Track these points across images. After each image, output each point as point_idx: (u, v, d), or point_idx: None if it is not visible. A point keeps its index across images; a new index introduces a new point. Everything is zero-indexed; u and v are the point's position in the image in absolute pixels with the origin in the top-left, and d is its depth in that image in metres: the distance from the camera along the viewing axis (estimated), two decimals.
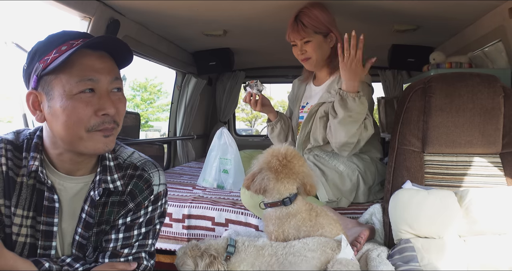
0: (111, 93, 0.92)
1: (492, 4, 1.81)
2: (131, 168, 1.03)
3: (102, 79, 0.90)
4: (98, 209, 0.99)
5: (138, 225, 1.02)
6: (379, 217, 1.63)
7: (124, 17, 2.01)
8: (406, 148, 1.63)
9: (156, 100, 16.97)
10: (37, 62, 0.90)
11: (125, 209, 1.01)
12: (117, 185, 0.99)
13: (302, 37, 1.77)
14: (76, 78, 0.87)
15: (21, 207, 0.94)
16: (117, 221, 1.01)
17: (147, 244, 1.04)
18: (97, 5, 1.78)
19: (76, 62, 0.88)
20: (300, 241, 1.30)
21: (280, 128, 1.98)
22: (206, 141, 3.85)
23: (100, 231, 1.00)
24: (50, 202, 0.95)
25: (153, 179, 1.03)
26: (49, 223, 0.95)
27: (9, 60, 1.67)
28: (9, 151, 0.95)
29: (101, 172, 0.99)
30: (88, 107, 0.88)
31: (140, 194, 1.01)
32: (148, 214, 1.03)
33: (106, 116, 0.90)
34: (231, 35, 2.54)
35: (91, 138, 0.90)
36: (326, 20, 1.76)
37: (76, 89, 0.88)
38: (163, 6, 1.93)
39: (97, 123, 0.90)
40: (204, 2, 1.87)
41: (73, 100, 0.88)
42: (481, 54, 2.12)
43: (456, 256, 1.38)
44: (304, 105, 1.96)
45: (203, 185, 2.22)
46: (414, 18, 2.13)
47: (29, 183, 0.95)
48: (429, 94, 1.60)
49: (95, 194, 0.97)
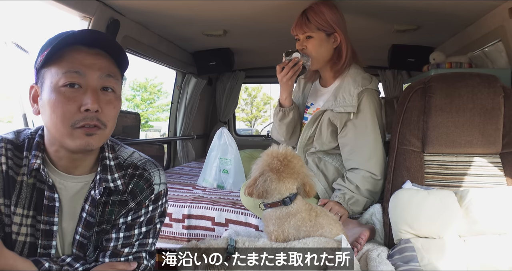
0: (102, 92, 0.92)
1: (492, 4, 1.81)
2: (132, 168, 1.02)
3: (89, 74, 0.90)
4: (99, 208, 0.99)
5: (138, 224, 1.02)
6: (379, 217, 1.63)
7: (124, 17, 2.01)
8: (406, 148, 1.63)
9: (156, 100, 16.97)
10: (39, 56, 0.92)
11: (126, 208, 1.00)
12: (118, 184, 0.99)
13: (304, 32, 1.72)
14: (63, 69, 0.88)
15: (21, 206, 0.94)
16: (118, 220, 1.00)
17: (148, 244, 1.04)
18: (97, 5, 1.78)
19: (67, 55, 0.89)
20: (300, 242, 1.30)
21: (292, 117, 1.86)
22: (206, 141, 3.84)
23: (101, 231, 1.00)
24: (50, 201, 0.95)
25: (153, 179, 1.03)
26: (49, 222, 0.95)
27: (9, 60, 1.67)
28: (9, 150, 0.95)
29: (101, 171, 0.99)
30: (71, 103, 0.88)
31: (141, 194, 1.01)
32: (149, 213, 1.03)
33: (88, 112, 0.89)
34: (231, 35, 2.54)
35: (73, 135, 0.89)
36: (332, 19, 1.71)
37: (62, 81, 0.88)
38: (163, 6, 1.93)
39: (79, 119, 0.89)
40: (204, 2, 1.87)
41: (58, 93, 0.88)
42: (481, 54, 2.12)
43: (456, 256, 1.38)
44: (309, 105, 1.91)
45: (203, 185, 2.22)
46: (414, 18, 2.13)
47: (29, 182, 0.95)
48: (429, 94, 1.60)
49: (95, 193, 0.97)
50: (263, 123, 18.35)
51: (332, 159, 1.79)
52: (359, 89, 1.68)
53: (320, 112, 1.76)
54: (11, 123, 2.66)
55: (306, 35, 1.73)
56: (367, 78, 1.73)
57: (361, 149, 1.68)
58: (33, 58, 0.97)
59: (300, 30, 1.74)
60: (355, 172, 1.69)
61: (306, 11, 1.73)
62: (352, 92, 1.68)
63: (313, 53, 1.74)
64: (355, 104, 1.66)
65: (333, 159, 1.79)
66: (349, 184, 1.67)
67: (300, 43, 1.76)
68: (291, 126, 1.88)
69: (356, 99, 1.66)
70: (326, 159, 1.79)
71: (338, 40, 1.73)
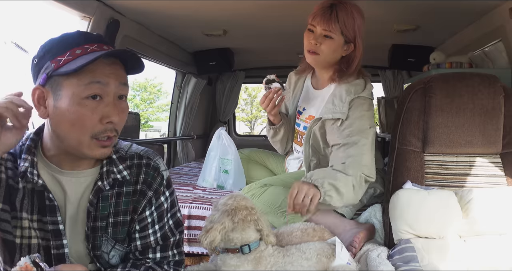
0: (117, 101, 0.94)
1: (492, 4, 1.81)
2: (136, 158, 1.05)
3: (110, 83, 0.91)
4: (111, 199, 1.00)
5: (165, 211, 1.07)
6: (379, 217, 1.63)
7: (124, 17, 2.01)
8: (406, 148, 1.62)
9: (156, 100, 16.97)
10: (49, 61, 0.91)
11: (145, 198, 1.03)
12: (124, 175, 1.02)
13: (327, 29, 1.56)
14: (85, 80, 0.89)
15: (25, 210, 0.95)
16: (144, 214, 1.03)
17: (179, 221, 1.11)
18: (97, 5, 1.78)
19: (87, 67, 0.89)
20: (297, 249, 1.30)
21: (283, 132, 1.84)
22: (206, 141, 3.84)
23: (117, 223, 1.01)
24: (50, 201, 0.96)
25: (160, 166, 1.07)
26: (54, 222, 0.96)
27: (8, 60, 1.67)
28: (7, 160, 0.96)
29: (107, 164, 1.01)
30: (94, 115, 0.90)
31: (155, 181, 1.05)
32: (169, 198, 1.08)
33: (109, 124, 0.92)
34: (231, 35, 2.54)
35: (91, 145, 0.92)
36: (359, 28, 1.59)
37: (85, 92, 0.89)
38: (163, 6, 1.93)
39: (100, 130, 0.92)
40: (204, 2, 1.86)
41: (80, 105, 0.89)
42: (481, 54, 2.12)
43: (456, 256, 1.38)
44: (301, 111, 1.82)
45: (203, 185, 2.21)
46: (414, 18, 2.14)
47: (28, 187, 0.96)
48: (430, 94, 1.60)
49: (104, 184, 0.99)
50: (263, 123, 18.35)
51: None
52: (351, 96, 1.60)
53: (315, 123, 1.68)
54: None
55: (327, 33, 1.58)
56: (360, 84, 1.63)
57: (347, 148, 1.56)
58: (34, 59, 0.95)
59: (324, 25, 1.56)
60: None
61: (337, 8, 1.55)
62: (343, 98, 1.60)
63: (325, 53, 1.61)
64: (345, 111, 1.58)
65: None
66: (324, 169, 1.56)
67: (314, 37, 1.60)
68: (284, 141, 1.90)
69: (347, 106, 1.58)
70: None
71: (351, 49, 1.62)
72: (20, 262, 0.81)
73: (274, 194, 1.65)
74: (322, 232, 1.44)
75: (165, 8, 1.97)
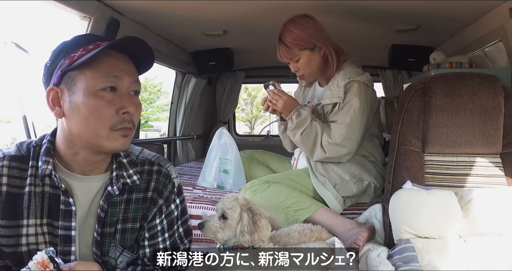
0: (131, 96, 0.94)
1: (492, 4, 1.81)
2: (147, 164, 1.05)
3: (125, 78, 0.93)
4: (121, 206, 0.99)
5: (176, 219, 1.07)
6: (379, 217, 1.63)
7: (124, 17, 2.01)
8: (406, 148, 1.63)
9: (156, 100, 16.97)
10: (63, 59, 0.92)
11: (156, 206, 1.03)
12: (134, 180, 1.01)
13: (290, 58, 1.78)
14: (101, 73, 0.90)
15: (33, 216, 0.93)
16: (154, 222, 1.03)
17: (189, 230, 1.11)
18: (97, 5, 1.78)
19: (102, 60, 0.91)
20: (297, 249, 1.30)
21: None
22: (206, 141, 3.84)
23: (125, 229, 1.00)
24: (66, 206, 0.94)
25: (171, 173, 1.07)
26: (67, 227, 0.94)
27: (8, 60, 1.67)
28: (10, 168, 0.94)
29: (117, 168, 1.00)
30: (110, 106, 0.90)
31: (166, 189, 1.04)
32: (179, 206, 1.08)
33: (126, 115, 0.92)
34: (231, 35, 2.54)
35: (111, 137, 0.92)
36: (309, 35, 1.73)
37: (100, 85, 0.90)
38: (163, 6, 1.93)
39: (118, 121, 0.91)
40: (204, 2, 1.87)
41: (95, 97, 0.90)
42: (481, 54, 2.12)
43: (456, 257, 1.38)
44: (306, 104, 1.94)
45: (203, 185, 2.21)
46: (414, 18, 2.13)
47: (37, 191, 0.94)
48: (430, 94, 1.60)
49: (113, 189, 0.97)
50: (263, 123, 18.35)
51: (335, 165, 1.77)
52: (346, 81, 1.71)
53: (315, 107, 1.80)
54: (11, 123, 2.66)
55: (294, 59, 1.78)
56: (357, 72, 1.75)
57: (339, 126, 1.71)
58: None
59: (286, 58, 1.79)
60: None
61: (282, 37, 1.76)
62: (339, 83, 1.72)
63: (307, 71, 1.80)
64: (341, 95, 1.70)
65: (336, 165, 1.77)
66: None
67: (292, 67, 1.83)
68: None
69: (342, 90, 1.70)
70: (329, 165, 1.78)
71: (323, 48, 1.77)
72: (37, 256, 0.81)
73: (276, 192, 1.67)
74: (319, 233, 1.44)
75: (165, 8, 1.97)
